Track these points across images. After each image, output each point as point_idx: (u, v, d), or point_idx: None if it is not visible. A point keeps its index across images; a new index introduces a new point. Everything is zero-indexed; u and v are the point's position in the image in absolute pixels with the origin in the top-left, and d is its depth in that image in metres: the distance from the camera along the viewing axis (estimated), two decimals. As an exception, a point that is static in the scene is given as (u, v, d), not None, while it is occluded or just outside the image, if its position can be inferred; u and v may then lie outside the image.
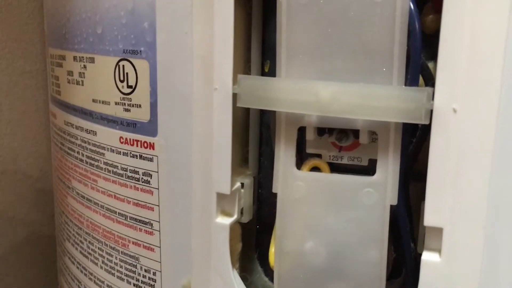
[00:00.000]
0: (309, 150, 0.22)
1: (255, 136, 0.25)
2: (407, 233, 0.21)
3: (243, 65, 0.23)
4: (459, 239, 0.19)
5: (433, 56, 0.19)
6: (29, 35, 0.41)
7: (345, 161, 0.22)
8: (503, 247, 0.19)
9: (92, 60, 0.26)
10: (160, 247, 0.25)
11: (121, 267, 0.27)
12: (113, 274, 0.27)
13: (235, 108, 0.21)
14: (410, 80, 0.19)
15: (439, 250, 0.19)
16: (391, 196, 0.21)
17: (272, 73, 0.22)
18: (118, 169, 0.25)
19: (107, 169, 0.26)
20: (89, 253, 0.29)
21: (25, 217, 0.44)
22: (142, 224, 0.25)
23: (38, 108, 0.42)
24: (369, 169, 0.22)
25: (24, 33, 0.41)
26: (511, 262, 0.19)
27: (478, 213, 0.19)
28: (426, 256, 0.20)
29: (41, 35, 0.41)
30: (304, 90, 0.20)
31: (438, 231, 0.19)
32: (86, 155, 0.27)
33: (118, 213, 0.26)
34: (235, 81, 0.21)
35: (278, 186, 0.22)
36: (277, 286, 0.22)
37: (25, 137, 0.42)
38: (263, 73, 0.24)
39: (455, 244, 0.19)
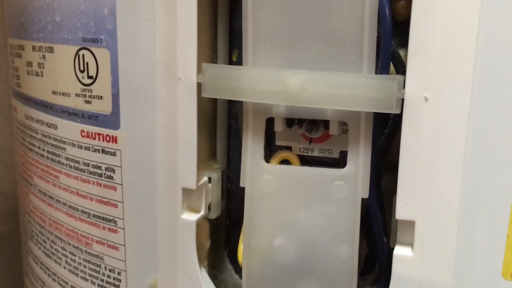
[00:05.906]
0: (278, 143, 0.22)
1: (223, 128, 0.24)
2: (379, 227, 0.20)
3: (209, 54, 0.22)
4: (432, 233, 0.19)
5: (405, 44, 0.18)
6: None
7: (315, 153, 0.21)
8: (478, 240, 0.19)
9: (51, 50, 0.24)
10: (124, 245, 0.24)
11: (85, 267, 0.25)
12: (77, 275, 0.26)
13: (200, 99, 0.20)
14: (381, 68, 0.18)
15: (411, 244, 0.19)
16: (363, 189, 0.20)
17: (240, 62, 0.21)
18: (80, 164, 0.24)
19: (69, 164, 0.25)
20: (52, 253, 0.27)
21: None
22: (106, 222, 0.24)
23: (2, 102, 0.41)
24: (340, 162, 0.21)
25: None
26: (486, 255, 0.19)
27: (452, 205, 0.18)
28: (399, 251, 0.19)
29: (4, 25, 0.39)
30: (271, 79, 0.19)
31: (410, 224, 0.19)
32: (47, 150, 0.26)
33: (81, 210, 0.25)
34: (199, 70, 0.20)
35: (246, 180, 0.21)
36: (245, 284, 0.22)
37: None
38: (231, 63, 0.23)
39: (428, 237, 0.19)
